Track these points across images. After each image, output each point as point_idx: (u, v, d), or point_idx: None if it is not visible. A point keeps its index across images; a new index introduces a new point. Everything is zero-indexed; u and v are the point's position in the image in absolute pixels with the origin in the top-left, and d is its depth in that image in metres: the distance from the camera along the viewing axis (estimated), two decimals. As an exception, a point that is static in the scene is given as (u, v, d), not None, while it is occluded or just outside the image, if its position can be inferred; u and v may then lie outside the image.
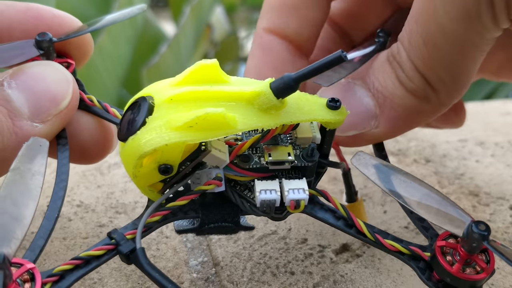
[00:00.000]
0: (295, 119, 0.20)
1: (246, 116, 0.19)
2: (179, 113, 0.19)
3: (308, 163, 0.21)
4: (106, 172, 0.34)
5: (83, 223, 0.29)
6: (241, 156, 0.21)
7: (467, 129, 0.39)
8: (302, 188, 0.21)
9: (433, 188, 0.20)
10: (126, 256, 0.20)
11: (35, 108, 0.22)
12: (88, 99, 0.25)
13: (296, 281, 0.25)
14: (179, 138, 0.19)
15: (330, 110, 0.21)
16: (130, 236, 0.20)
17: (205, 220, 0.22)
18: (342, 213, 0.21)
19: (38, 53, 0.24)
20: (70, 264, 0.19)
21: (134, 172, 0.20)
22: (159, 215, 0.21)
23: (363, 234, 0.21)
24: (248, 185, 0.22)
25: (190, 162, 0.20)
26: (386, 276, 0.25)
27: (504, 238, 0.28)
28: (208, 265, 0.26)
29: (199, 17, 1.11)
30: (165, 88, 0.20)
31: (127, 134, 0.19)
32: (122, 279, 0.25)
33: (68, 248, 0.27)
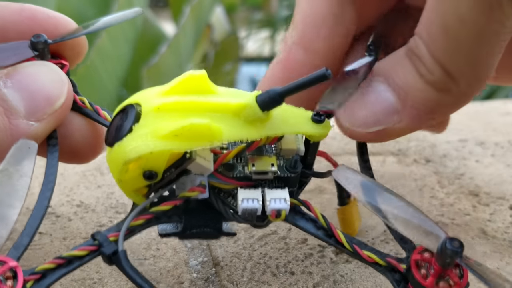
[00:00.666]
0: (280, 132, 0.21)
1: (232, 127, 0.20)
2: (165, 122, 0.20)
3: (290, 174, 0.22)
4: (106, 172, 0.34)
5: (83, 223, 0.29)
6: (226, 165, 0.22)
7: (467, 129, 0.39)
8: (284, 198, 0.21)
9: (412, 204, 0.20)
10: (108, 258, 0.20)
11: (31, 107, 0.22)
12: (80, 101, 0.25)
13: (296, 281, 0.25)
14: (164, 146, 0.19)
15: (315, 123, 0.21)
16: (113, 238, 0.20)
17: (188, 225, 0.22)
18: (322, 223, 0.22)
19: (33, 54, 0.24)
20: (52, 263, 0.19)
21: (119, 177, 0.20)
22: (143, 218, 0.21)
23: (342, 244, 0.21)
24: (232, 192, 0.22)
25: (175, 169, 0.21)
26: (386, 276, 0.25)
27: (504, 238, 0.28)
28: (208, 265, 0.26)
29: (199, 17, 1.11)
30: (153, 96, 0.21)
31: (114, 139, 0.20)
32: (122, 279, 0.25)
33: (68, 248, 0.27)
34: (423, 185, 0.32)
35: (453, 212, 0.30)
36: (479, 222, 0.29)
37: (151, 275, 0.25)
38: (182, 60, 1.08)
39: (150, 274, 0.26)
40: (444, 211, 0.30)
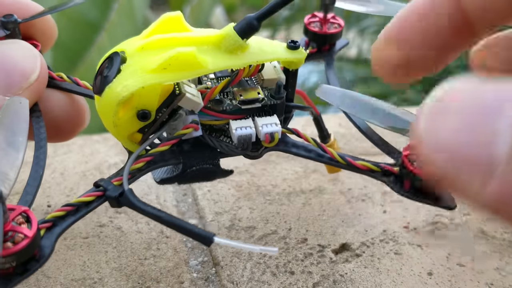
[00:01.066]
0: (260, 59, 0.22)
1: (215, 58, 0.21)
2: (152, 57, 0.20)
3: (276, 100, 0.23)
4: (106, 172, 0.34)
5: (83, 223, 0.29)
6: (214, 100, 0.23)
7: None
8: (275, 122, 0.22)
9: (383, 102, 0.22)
10: (115, 200, 0.20)
11: (6, 83, 0.22)
12: (57, 76, 0.25)
13: (296, 280, 0.25)
14: (154, 79, 0.20)
15: (291, 50, 0.22)
16: (117, 183, 0.21)
17: (187, 163, 0.22)
18: (313, 145, 0.23)
19: (4, 34, 0.24)
20: (61, 211, 0.20)
21: (114, 121, 0.21)
22: (143, 161, 0.21)
23: (335, 160, 0.23)
24: (223, 128, 0.23)
25: (166, 108, 0.21)
26: (385, 276, 0.25)
27: (503, 238, 0.28)
28: (208, 264, 0.26)
29: (199, 17, 1.11)
30: (135, 40, 0.21)
31: (103, 85, 0.20)
32: (122, 278, 0.25)
33: (68, 248, 0.27)
34: (422, 185, 0.32)
35: (452, 212, 0.30)
36: (479, 222, 0.29)
37: (151, 275, 0.26)
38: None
39: (151, 274, 0.26)
40: (444, 211, 0.30)
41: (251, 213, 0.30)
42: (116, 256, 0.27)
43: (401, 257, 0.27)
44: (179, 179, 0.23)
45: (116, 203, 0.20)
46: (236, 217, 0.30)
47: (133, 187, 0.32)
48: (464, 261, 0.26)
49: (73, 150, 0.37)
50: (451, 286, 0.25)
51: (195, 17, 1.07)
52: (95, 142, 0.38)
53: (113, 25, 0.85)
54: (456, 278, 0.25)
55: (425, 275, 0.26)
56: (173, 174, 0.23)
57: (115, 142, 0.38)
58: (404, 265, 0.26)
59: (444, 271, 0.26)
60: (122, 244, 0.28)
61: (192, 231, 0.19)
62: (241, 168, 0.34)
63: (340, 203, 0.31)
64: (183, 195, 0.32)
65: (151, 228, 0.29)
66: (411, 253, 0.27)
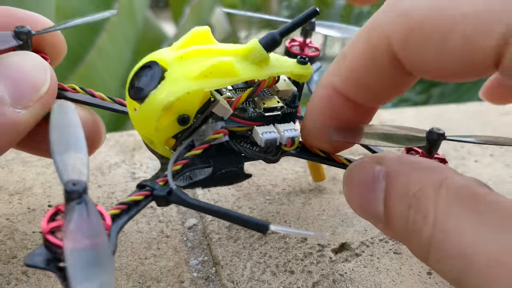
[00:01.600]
0: (280, 71, 0.24)
1: (244, 68, 0.23)
2: (193, 66, 0.22)
3: (292, 109, 0.26)
4: (106, 172, 0.34)
5: (84, 223, 0.29)
6: (239, 109, 0.25)
7: (466, 128, 0.40)
8: (294, 128, 0.25)
9: None
10: (164, 198, 0.22)
11: (16, 95, 0.22)
12: (70, 88, 0.26)
13: (295, 280, 0.25)
14: (197, 86, 0.22)
15: (300, 65, 0.25)
16: (161, 183, 0.22)
17: (217, 166, 0.24)
18: (318, 152, 0.26)
19: (17, 43, 0.25)
20: (117, 209, 0.21)
21: (156, 126, 0.22)
22: (180, 164, 0.23)
23: (342, 163, 0.26)
24: (246, 134, 0.25)
25: (201, 114, 0.23)
26: (385, 275, 0.26)
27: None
28: (209, 264, 0.27)
29: (199, 17, 1.11)
30: (168, 52, 0.23)
31: (145, 91, 0.22)
32: (122, 278, 0.25)
33: (69, 247, 0.27)
34: (422, 185, 0.32)
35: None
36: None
37: (151, 274, 0.26)
38: (183, 60, 1.08)
39: (151, 273, 0.26)
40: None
41: (251, 212, 0.30)
42: (117, 255, 0.27)
43: (400, 257, 0.27)
44: (205, 183, 0.24)
45: (164, 201, 0.22)
46: (236, 216, 0.30)
47: (133, 187, 0.32)
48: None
49: (73, 150, 0.37)
50: (450, 285, 0.25)
51: (195, 17, 1.07)
52: (95, 142, 0.38)
53: (113, 25, 0.85)
54: (455, 277, 0.25)
55: (425, 275, 0.26)
56: (189, 181, 0.24)
57: (115, 142, 0.38)
58: (404, 265, 0.26)
59: (443, 270, 0.26)
60: (122, 244, 0.28)
61: (248, 221, 0.20)
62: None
63: (340, 203, 0.31)
64: (183, 195, 0.32)
65: (152, 227, 0.29)
66: (411, 252, 0.27)
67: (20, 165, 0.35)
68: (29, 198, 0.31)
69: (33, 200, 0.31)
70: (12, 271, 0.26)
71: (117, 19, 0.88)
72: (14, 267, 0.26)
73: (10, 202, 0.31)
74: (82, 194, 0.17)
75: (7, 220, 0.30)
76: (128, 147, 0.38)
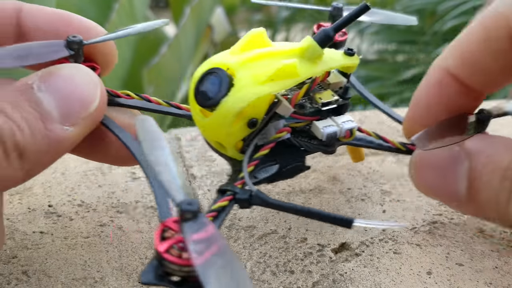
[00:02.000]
0: (333, 65, 0.25)
1: (303, 67, 0.24)
2: (260, 70, 0.23)
3: (345, 101, 0.26)
4: (107, 172, 0.34)
5: (84, 223, 0.29)
6: (297, 105, 0.26)
7: (466, 129, 0.40)
8: (350, 119, 0.26)
9: None
10: (246, 201, 0.22)
11: (65, 112, 0.22)
12: (124, 94, 0.26)
13: (295, 280, 0.25)
14: (266, 90, 0.23)
15: (348, 56, 0.26)
16: (240, 186, 0.23)
17: (282, 163, 0.25)
18: (375, 137, 0.28)
19: (68, 54, 0.24)
20: (210, 217, 0.21)
21: (228, 131, 0.23)
22: (253, 165, 0.24)
23: (396, 147, 0.28)
24: (304, 129, 0.26)
25: (266, 115, 0.24)
26: (385, 275, 0.26)
27: (502, 238, 0.28)
28: (209, 264, 0.27)
29: (199, 17, 1.11)
30: (229, 57, 0.23)
31: (216, 99, 0.22)
32: (123, 278, 0.25)
33: (69, 247, 0.27)
34: (422, 185, 0.33)
35: (451, 212, 0.30)
36: (477, 222, 0.29)
37: (151, 274, 0.26)
38: (183, 60, 1.08)
39: (151, 273, 0.26)
40: (443, 210, 0.30)
41: (251, 212, 0.30)
42: (117, 255, 0.27)
43: (400, 257, 0.27)
44: (271, 179, 0.25)
45: (247, 204, 0.22)
46: (236, 216, 0.30)
47: (133, 187, 0.32)
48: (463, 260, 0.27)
49: (74, 150, 0.37)
50: (450, 285, 0.25)
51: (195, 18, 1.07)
52: (95, 142, 0.38)
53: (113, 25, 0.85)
54: (455, 277, 0.25)
55: (424, 274, 0.26)
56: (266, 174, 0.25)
57: (115, 142, 0.38)
58: (404, 265, 0.26)
59: (443, 270, 0.26)
60: (123, 244, 0.28)
61: (333, 217, 0.21)
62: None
63: (339, 202, 0.31)
64: (183, 195, 0.32)
65: (152, 227, 0.29)
66: (410, 252, 0.27)
67: (21, 165, 0.35)
68: (29, 198, 0.32)
69: (33, 200, 0.31)
70: (12, 271, 0.26)
71: (117, 19, 0.88)
72: (14, 267, 0.26)
73: (10, 202, 0.31)
74: (197, 213, 0.18)
75: (7, 220, 0.30)
76: (128, 147, 0.38)
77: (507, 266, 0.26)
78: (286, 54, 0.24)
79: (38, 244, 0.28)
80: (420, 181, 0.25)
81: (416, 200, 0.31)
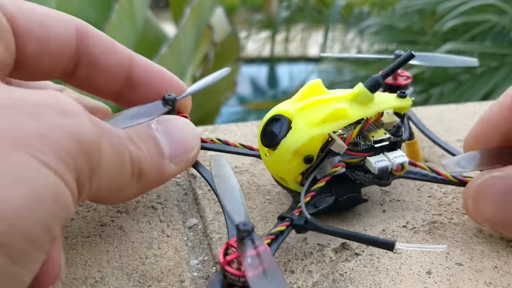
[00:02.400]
0: (384, 107, 0.28)
1: (354, 110, 0.27)
2: (313, 115, 0.26)
3: (397, 138, 0.29)
4: (107, 172, 0.34)
5: (85, 222, 0.29)
6: (352, 143, 0.28)
7: (465, 129, 0.40)
8: (401, 155, 0.29)
9: None
10: (302, 227, 0.25)
11: (173, 153, 0.27)
12: (208, 140, 0.32)
13: (296, 279, 0.25)
14: (318, 131, 0.26)
15: (400, 98, 0.29)
16: (297, 214, 0.26)
17: (338, 194, 0.28)
18: (428, 171, 0.29)
19: (167, 109, 0.30)
20: (268, 239, 0.24)
21: (287, 167, 0.27)
22: (309, 196, 0.27)
23: (448, 180, 0.29)
24: (359, 164, 0.29)
25: (321, 152, 0.27)
26: (385, 275, 0.26)
27: (502, 238, 0.28)
28: (209, 263, 0.27)
29: (199, 18, 1.11)
30: (290, 105, 0.27)
31: (277, 140, 0.26)
32: (123, 277, 0.25)
33: (70, 247, 0.27)
34: (421, 184, 0.33)
35: (451, 212, 0.30)
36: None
37: (152, 274, 0.26)
38: (183, 60, 1.08)
39: (152, 273, 0.26)
40: (442, 210, 0.30)
41: (251, 212, 0.30)
42: (118, 255, 0.27)
43: (400, 256, 0.27)
44: (330, 208, 0.28)
45: (303, 229, 0.26)
46: (236, 216, 0.30)
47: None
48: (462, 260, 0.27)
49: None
50: (450, 285, 0.25)
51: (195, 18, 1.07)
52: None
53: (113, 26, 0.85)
54: (455, 277, 0.26)
55: (424, 274, 0.26)
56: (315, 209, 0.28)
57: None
58: (403, 264, 0.26)
59: (443, 270, 0.26)
60: (123, 244, 0.28)
61: (375, 241, 0.24)
62: (241, 167, 0.34)
63: (339, 202, 0.31)
64: (183, 195, 0.32)
65: (152, 227, 0.29)
66: (410, 252, 0.27)
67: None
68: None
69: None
70: (13, 271, 0.26)
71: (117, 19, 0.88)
72: (15, 267, 0.26)
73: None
74: (251, 232, 0.22)
75: (8, 220, 0.30)
76: (128, 147, 0.38)
77: (507, 266, 0.26)
78: (339, 100, 0.27)
79: (38, 244, 0.28)
80: (477, 212, 0.26)
81: (415, 200, 0.31)
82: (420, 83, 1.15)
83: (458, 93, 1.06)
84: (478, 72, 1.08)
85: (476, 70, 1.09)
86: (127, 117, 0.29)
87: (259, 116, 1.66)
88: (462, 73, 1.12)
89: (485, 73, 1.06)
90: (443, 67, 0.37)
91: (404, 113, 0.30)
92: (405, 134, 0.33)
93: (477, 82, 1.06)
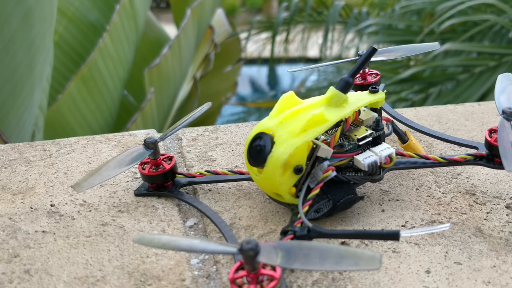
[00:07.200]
0: (359, 105, 0.29)
1: (331, 113, 0.27)
2: (293, 125, 0.27)
3: (378, 132, 0.30)
4: (108, 172, 0.34)
5: (86, 222, 0.30)
6: (337, 146, 0.29)
7: (463, 129, 0.40)
8: (387, 147, 0.29)
9: None
10: (306, 236, 0.26)
11: None
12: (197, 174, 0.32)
13: (295, 278, 0.26)
14: (301, 140, 0.26)
15: (373, 93, 0.30)
16: (298, 225, 0.26)
17: (335, 198, 0.28)
18: (417, 158, 0.30)
19: (150, 152, 0.31)
20: None
21: (279, 180, 0.27)
22: (307, 205, 0.27)
23: (438, 162, 0.30)
24: (348, 164, 0.29)
25: (309, 160, 0.28)
26: (383, 274, 0.26)
27: (500, 237, 0.28)
28: (209, 262, 0.27)
29: (200, 19, 1.11)
30: (269, 121, 0.28)
31: (264, 157, 0.26)
32: (124, 276, 0.26)
33: (71, 246, 0.28)
34: (420, 184, 0.33)
35: (450, 211, 0.30)
36: (476, 221, 0.29)
37: (153, 273, 0.26)
38: (184, 61, 1.09)
39: (152, 272, 0.26)
40: (441, 210, 0.30)
41: (251, 212, 0.30)
42: (119, 254, 0.27)
43: (399, 255, 0.27)
44: (330, 212, 0.28)
45: (308, 238, 0.26)
46: (236, 216, 0.30)
47: (134, 186, 0.33)
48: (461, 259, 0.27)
49: (76, 150, 0.37)
50: (448, 284, 0.25)
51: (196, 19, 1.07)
52: (97, 142, 0.39)
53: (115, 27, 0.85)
54: (453, 276, 0.26)
55: (423, 273, 0.26)
56: (317, 214, 0.28)
57: (117, 142, 0.38)
58: (402, 263, 0.26)
59: (441, 269, 0.26)
60: (124, 243, 0.28)
61: (380, 234, 0.24)
62: (241, 167, 0.35)
63: (339, 202, 0.31)
64: (184, 195, 0.32)
65: (153, 227, 0.29)
66: (409, 251, 0.27)
67: (23, 165, 0.36)
68: (31, 197, 0.32)
69: (36, 200, 0.32)
70: (14, 270, 0.26)
71: (119, 21, 0.88)
72: (16, 266, 0.26)
73: (13, 201, 0.31)
74: (258, 250, 0.22)
75: (9, 219, 0.30)
76: (129, 147, 0.38)
77: (505, 265, 0.26)
78: (315, 106, 0.27)
79: (40, 243, 0.28)
80: None
81: (414, 199, 0.31)
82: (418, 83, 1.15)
83: (457, 93, 1.06)
84: (477, 72, 1.08)
85: (475, 70, 1.09)
86: (114, 166, 0.30)
87: (259, 117, 1.66)
88: (460, 72, 1.12)
89: (484, 73, 1.06)
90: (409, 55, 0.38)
91: (380, 107, 0.30)
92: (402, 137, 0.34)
93: (476, 82, 1.06)
